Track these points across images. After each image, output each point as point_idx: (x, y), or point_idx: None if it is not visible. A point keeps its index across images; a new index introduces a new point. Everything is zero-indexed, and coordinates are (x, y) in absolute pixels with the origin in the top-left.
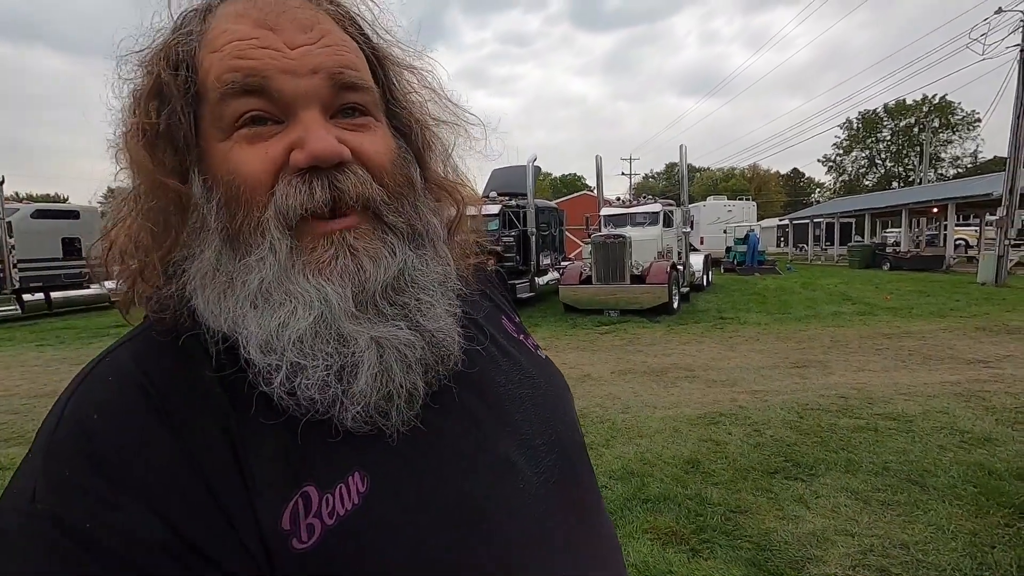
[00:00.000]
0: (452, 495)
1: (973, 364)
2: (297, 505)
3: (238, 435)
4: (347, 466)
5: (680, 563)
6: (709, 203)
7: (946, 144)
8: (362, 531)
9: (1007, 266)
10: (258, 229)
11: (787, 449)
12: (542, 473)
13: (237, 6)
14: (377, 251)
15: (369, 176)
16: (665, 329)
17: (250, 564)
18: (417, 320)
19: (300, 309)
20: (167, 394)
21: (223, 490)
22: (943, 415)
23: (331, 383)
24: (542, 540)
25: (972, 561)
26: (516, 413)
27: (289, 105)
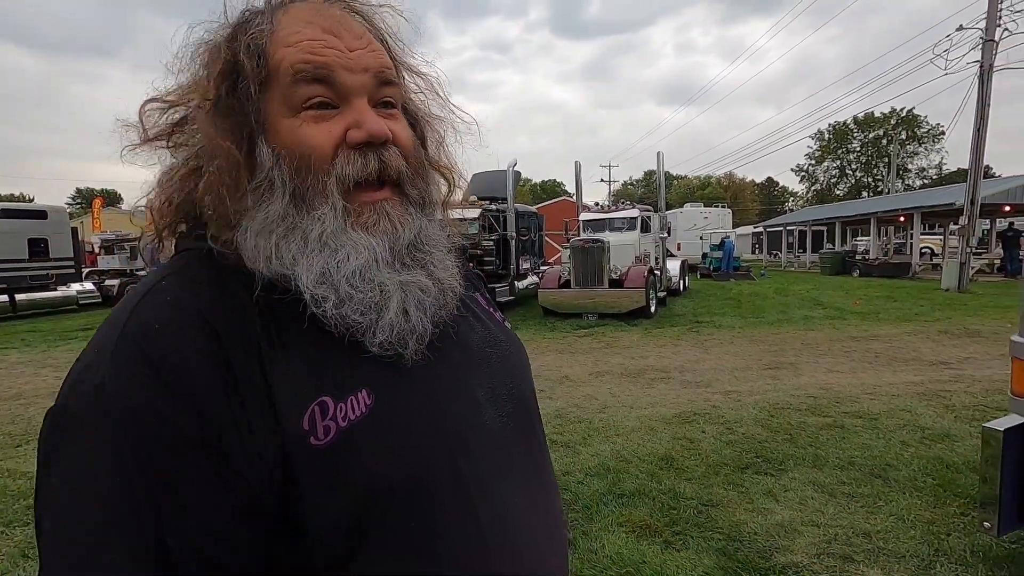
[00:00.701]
0: (438, 416)
1: (935, 365)
2: (315, 411)
3: (268, 355)
4: (356, 384)
5: (653, 554)
6: (686, 210)
7: (913, 156)
8: (367, 433)
9: (969, 273)
10: (323, 191)
11: (758, 446)
12: (503, 416)
13: (303, 13)
14: (404, 217)
15: (401, 155)
16: (642, 332)
17: (264, 460)
18: (431, 270)
19: (353, 254)
20: (215, 316)
21: (251, 398)
22: (906, 413)
23: (367, 313)
24: (505, 467)
25: (929, 548)
26: (485, 366)
27: (346, 94)
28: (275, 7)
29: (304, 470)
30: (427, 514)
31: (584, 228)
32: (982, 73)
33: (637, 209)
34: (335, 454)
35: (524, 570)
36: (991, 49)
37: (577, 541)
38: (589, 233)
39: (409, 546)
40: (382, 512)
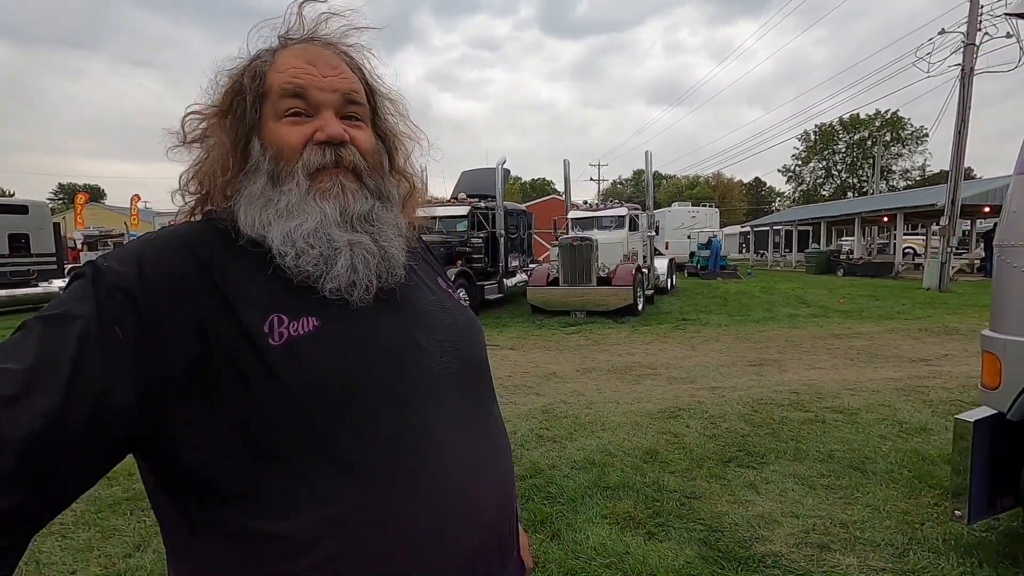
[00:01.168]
0: (376, 345)
1: (915, 362)
2: (272, 321)
3: (235, 280)
4: (307, 312)
5: (636, 545)
6: (674, 209)
7: (897, 157)
8: (312, 346)
9: (949, 273)
10: (291, 173)
11: (741, 440)
12: (446, 367)
13: (295, 50)
14: (356, 193)
15: (358, 154)
16: (630, 330)
17: (233, 335)
18: (376, 238)
19: (309, 218)
20: (204, 247)
21: (214, 297)
22: (885, 408)
23: (319, 264)
24: (440, 403)
25: (904, 537)
26: (433, 322)
27: (318, 107)
28: (278, 47)
29: (260, 360)
30: (356, 414)
31: (573, 226)
32: (963, 76)
33: (626, 208)
34: (286, 352)
35: (453, 480)
36: (972, 53)
37: (562, 532)
38: (578, 231)
39: (337, 438)
40: (317, 405)
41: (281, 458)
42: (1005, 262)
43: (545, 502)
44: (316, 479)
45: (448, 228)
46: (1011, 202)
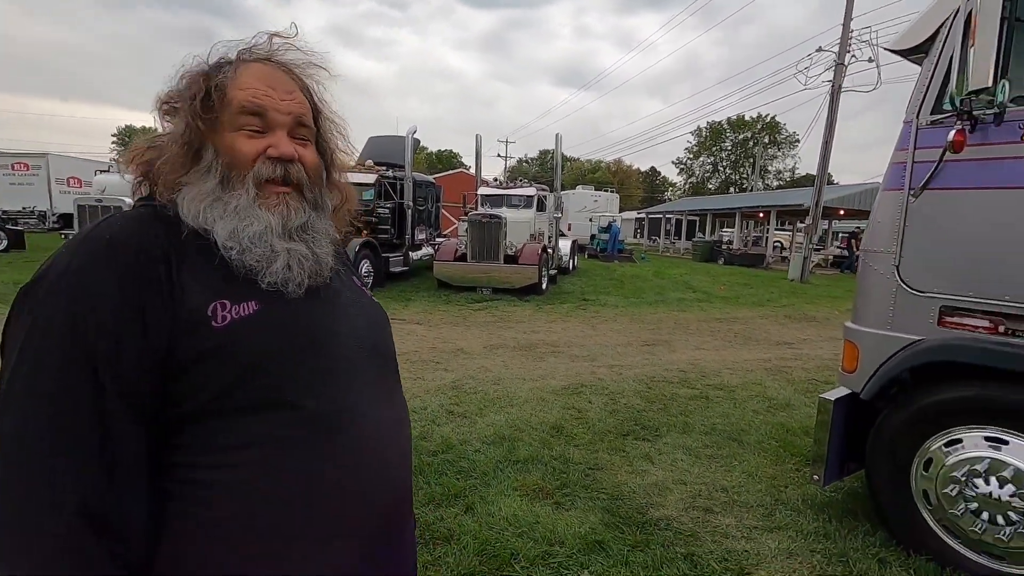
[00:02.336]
0: (307, 327)
1: (781, 345)
2: (217, 305)
3: (189, 269)
4: (249, 298)
5: (545, 514)
6: (578, 192)
7: (772, 159)
8: (253, 324)
9: (810, 266)
10: (242, 180)
11: (637, 415)
12: (361, 351)
13: (255, 70)
14: (298, 208)
15: (304, 170)
16: (534, 308)
17: (174, 322)
18: (311, 246)
19: (255, 223)
20: (162, 238)
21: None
22: (757, 386)
23: (260, 261)
24: (355, 377)
25: (771, 498)
26: (350, 314)
27: (272, 125)
28: (239, 62)
29: (202, 339)
30: (290, 381)
31: (482, 203)
32: (833, 92)
33: (534, 188)
34: (227, 333)
35: (369, 441)
36: (841, 71)
37: (476, 505)
38: (487, 208)
39: (276, 400)
40: (253, 376)
41: (227, 413)
42: (868, 265)
43: (458, 476)
44: (257, 432)
45: None
46: (876, 214)
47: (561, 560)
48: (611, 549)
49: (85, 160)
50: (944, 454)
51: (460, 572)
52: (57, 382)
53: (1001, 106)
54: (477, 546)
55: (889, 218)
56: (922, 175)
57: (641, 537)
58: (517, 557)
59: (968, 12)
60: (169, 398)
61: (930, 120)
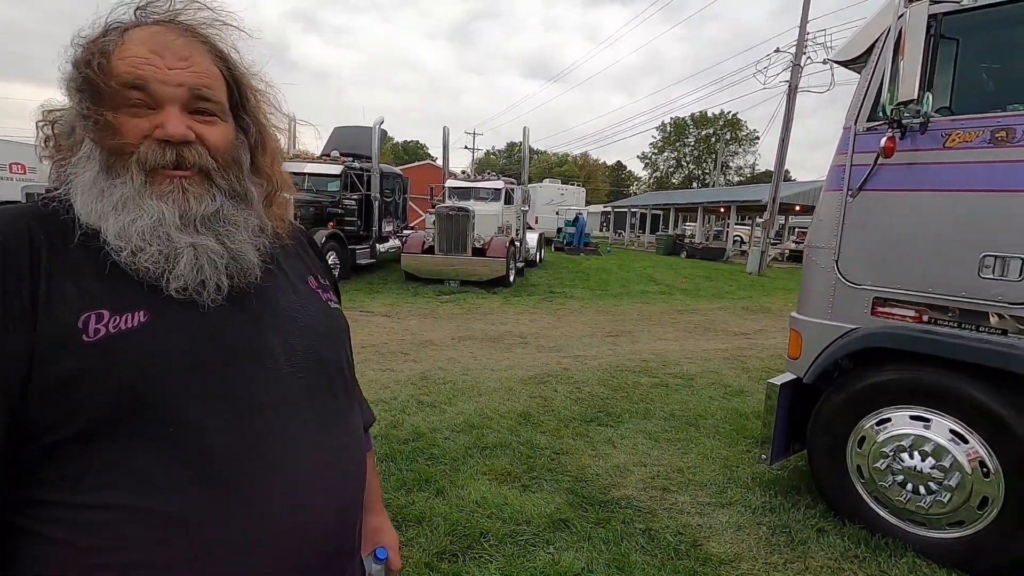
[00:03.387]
0: (212, 343)
1: (738, 335)
2: (91, 316)
3: (68, 275)
4: (137, 307)
5: (514, 496)
6: (545, 185)
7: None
8: (134, 340)
9: (767, 260)
10: (125, 166)
11: (601, 402)
12: (294, 370)
13: (142, 34)
14: (201, 195)
15: (207, 152)
16: (501, 300)
17: (32, 340)
18: (223, 240)
19: (144, 216)
20: (33, 241)
21: (33, 297)
22: (714, 374)
23: (160, 262)
24: (279, 405)
25: (724, 477)
26: (288, 325)
27: (159, 101)
28: (128, 27)
29: (68, 358)
30: (172, 415)
31: (450, 195)
32: (790, 91)
33: (502, 181)
34: (100, 349)
35: (284, 485)
36: (798, 72)
37: (446, 489)
38: (455, 201)
39: (153, 439)
40: (131, 411)
41: (99, 446)
42: (811, 259)
43: (428, 463)
44: (135, 472)
45: (319, 187)
46: (819, 213)
47: (528, 537)
48: (575, 526)
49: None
50: (875, 432)
51: (432, 551)
52: None
53: (926, 116)
54: (448, 527)
55: (830, 216)
56: (858, 177)
57: (603, 515)
58: (486, 536)
59: (899, 29)
60: (31, 426)
61: (866, 127)
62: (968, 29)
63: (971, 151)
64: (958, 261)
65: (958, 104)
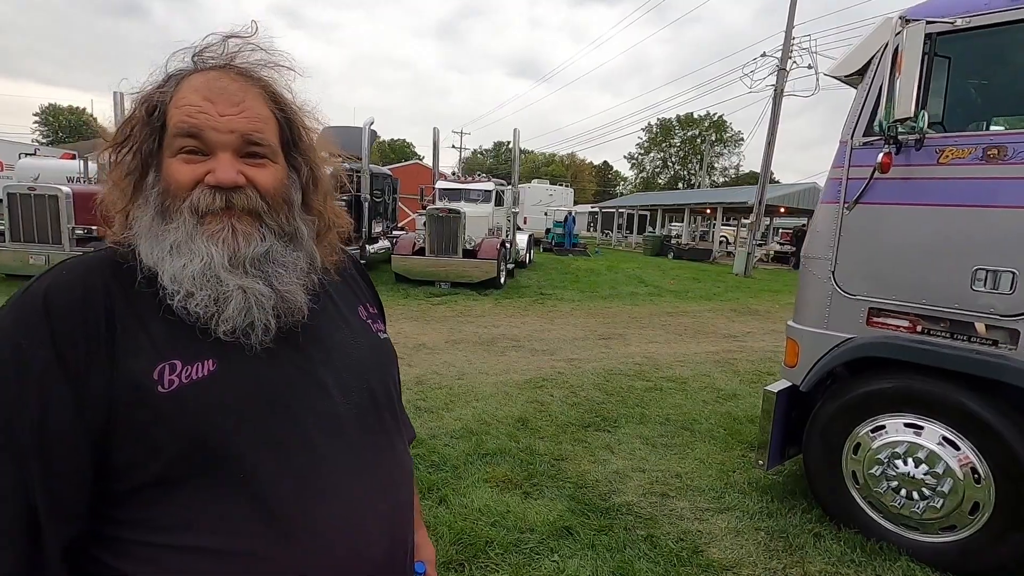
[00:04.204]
0: (271, 388)
1: (727, 338)
2: (165, 367)
3: (139, 323)
4: (206, 355)
5: (515, 503)
6: (533, 186)
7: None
8: (204, 390)
9: (753, 261)
10: (178, 211)
11: (597, 407)
12: (349, 404)
13: (196, 82)
14: (251, 235)
15: (258, 195)
16: (493, 302)
17: (112, 390)
18: (271, 281)
19: (195, 259)
20: (109, 291)
21: (111, 347)
22: (706, 377)
23: (210, 306)
24: (334, 442)
25: (721, 482)
26: (340, 361)
27: (212, 147)
28: (183, 75)
29: (145, 408)
30: (237, 463)
31: (440, 196)
32: (775, 95)
33: (493, 182)
34: (175, 400)
35: (340, 519)
36: (784, 76)
37: (449, 498)
38: (445, 202)
39: (223, 484)
40: (202, 458)
41: (172, 492)
42: (807, 269)
43: (430, 470)
44: (196, 518)
45: None
46: (815, 224)
47: (532, 546)
48: (578, 534)
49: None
50: (870, 439)
51: (439, 561)
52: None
53: (921, 132)
54: (452, 536)
55: (826, 228)
56: (855, 191)
57: (605, 522)
58: (492, 544)
59: (895, 47)
60: (113, 469)
61: (862, 142)
62: (960, 48)
63: (964, 167)
64: (951, 274)
65: (949, 120)
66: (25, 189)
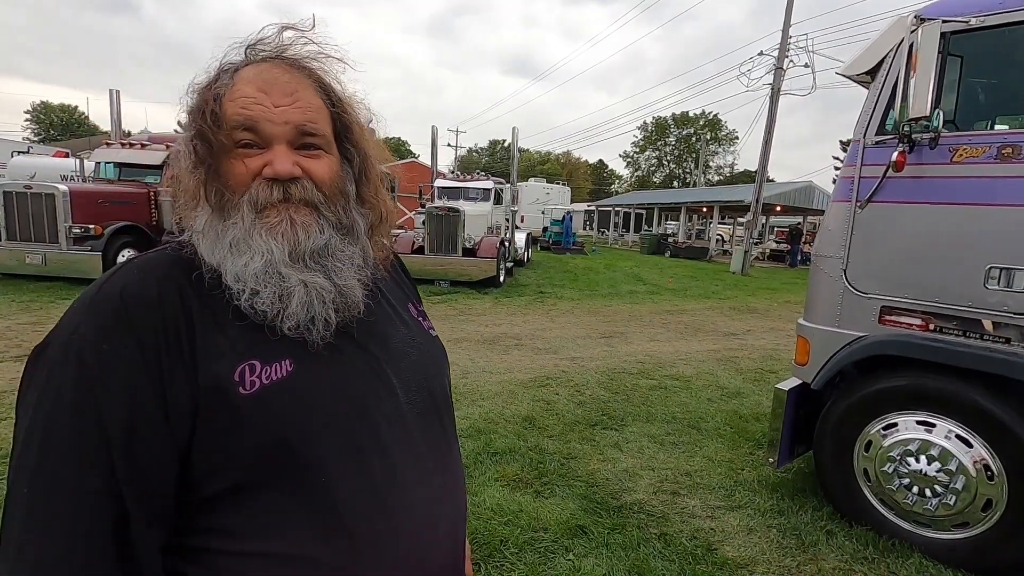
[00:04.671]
0: (346, 389)
1: (728, 336)
2: (245, 368)
3: (215, 323)
4: (282, 354)
5: (527, 503)
6: (530, 184)
7: (713, 154)
8: (285, 390)
9: (750, 259)
10: (236, 206)
11: (603, 405)
12: (411, 403)
13: (250, 73)
14: (309, 227)
15: (314, 186)
16: (493, 301)
17: (195, 393)
18: (331, 275)
19: (256, 256)
20: (183, 292)
21: (181, 351)
22: (710, 375)
23: (275, 303)
24: (406, 447)
25: (730, 480)
26: (402, 360)
27: (268, 140)
28: (236, 67)
29: (227, 410)
30: (320, 464)
31: (439, 195)
32: (772, 94)
33: (492, 181)
34: (257, 401)
35: (411, 525)
36: (780, 76)
37: None
38: (444, 201)
39: (303, 489)
40: (280, 462)
41: (244, 506)
42: (818, 268)
43: None
44: (276, 524)
45: None
46: (827, 222)
47: (547, 545)
48: (592, 533)
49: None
50: (882, 437)
51: None
52: (66, 468)
53: (936, 131)
54: (468, 535)
55: (838, 227)
56: (867, 189)
57: (618, 521)
58: (506, 544)
59: (910, 45)
60: (193, 477)
61: (875, 140)
62: (973, 47)
63: (978, 166)
64: (964, 272)
65: (962, 119)
66: (21, 187)
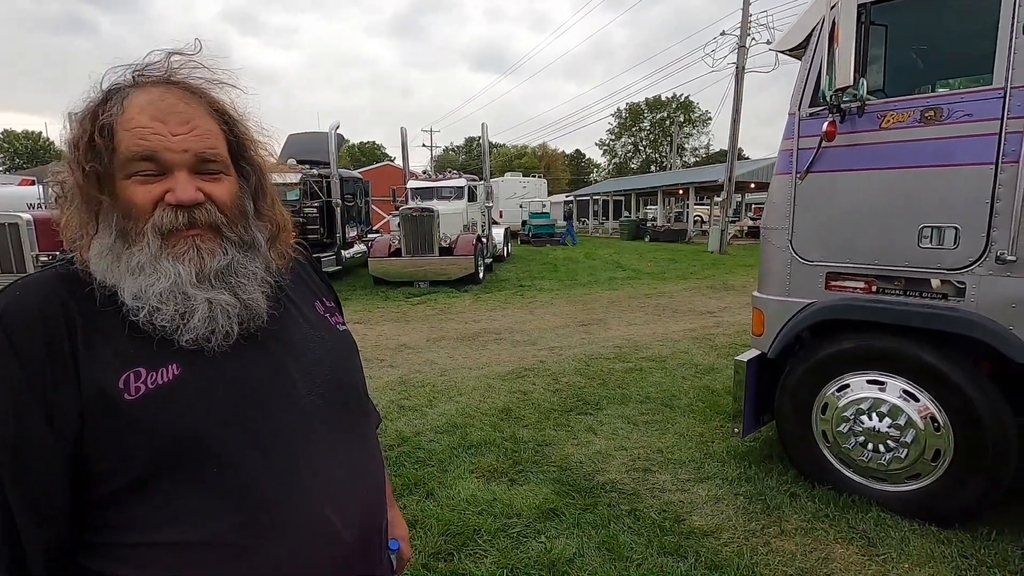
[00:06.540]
0: (241, 386)
1: (704, 315)
2: (130, 376)
3: (100, 336)
4: (169, 361)
5: (502, 491)
6: (506, 179)
7: (688, 136)
8: (171, 393)
9: (727, 238)
10: (140, 232)
11: (579, 391)
12: (314, 397)
13: (142, 100)
14: (214, 251)
15: (216, 209)
16: (473, 298)
17: (79, 401)
18: (236, 292)
19: (162, 278)
20: (67, 308)
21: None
22: (684, 354)
23: (175, 319)
24: (307, 433)
25: (701, 454)
26: (304, 356)
27: (168, 167)
28: (126, 92)
29: (116, 415)
30: (216, 458)
31: (412, 196)
32: (737, 73)
33: (464, 179)
34: (142, 405)
35: (316, 505)
36: (744, 53)
37: (436, 491)
38: (418, 201)
39: (200, 481)
40: (177, 457)
41: (152, 493)
42: (767, 240)
43: (416, 466)
44: (182, 515)
45: None
46: (771, 196)
47: (519, 529)
48: (564, 514)
49: None
50: (836, 398)
51: (428, 552)
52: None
53: (862, 100)
54: (441, 527)
55: (781, 199)
56: (805, 161)
57: (589, 501)
58: (479, 532)
59: (832, 19)
60: (86, 481)
61: (809, 112)
62: (895, 17)
63: (904, 130)
64: (899, 233)
65: (890, 86)
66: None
